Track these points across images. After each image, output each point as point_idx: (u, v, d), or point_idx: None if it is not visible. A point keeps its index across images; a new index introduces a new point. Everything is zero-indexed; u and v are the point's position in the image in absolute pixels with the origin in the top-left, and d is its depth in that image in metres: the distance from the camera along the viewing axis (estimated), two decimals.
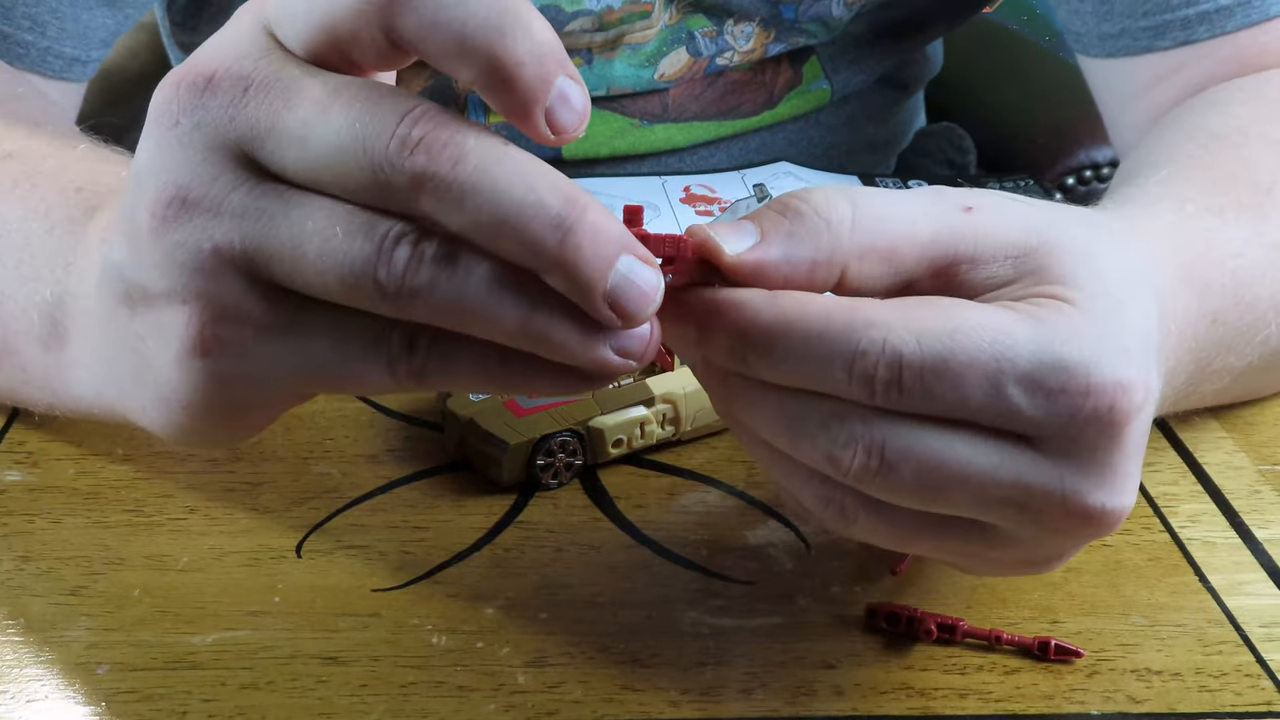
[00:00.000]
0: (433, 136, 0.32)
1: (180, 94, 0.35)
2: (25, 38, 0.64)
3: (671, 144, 0.82)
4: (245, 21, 0.35)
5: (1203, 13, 0.65)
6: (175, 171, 0.34)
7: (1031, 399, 0.35)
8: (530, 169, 0.32)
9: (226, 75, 0.34)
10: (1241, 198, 0.52)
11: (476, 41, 0.32)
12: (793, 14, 0.79)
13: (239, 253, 0.34)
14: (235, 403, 0.37)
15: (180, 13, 0.80)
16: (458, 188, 0.32)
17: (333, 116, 0.33)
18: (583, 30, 0.76)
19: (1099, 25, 0.68)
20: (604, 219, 0.33)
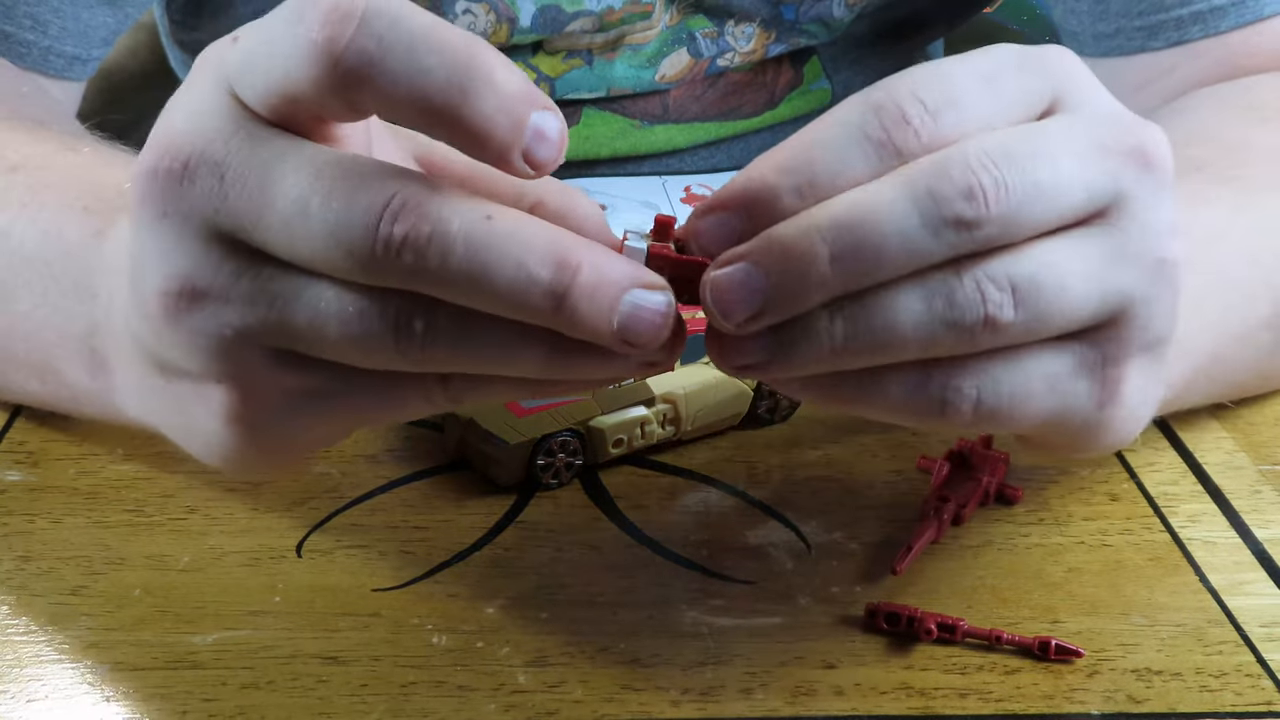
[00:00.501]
0: (415, 232, 0.32)
1: (160, 183, 0.34)
2: (27, 37, 0.64)
3: (672, 145, 0.83)
4: (208, 83, 0.34)
5: (1196, 13, 0.65)
6: (177, 263, 0.34)
7: (1026, 74, 0.36)
8: (517, 241, 0.32)
9: (201, 162, 0.33)
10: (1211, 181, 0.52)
11: (441, 107, 0.32)
12: (794, 15, 0.79)
13: (260, 334, 0.34)
14: (281, 450, 0.37)
15: (180, 11, 0.80)
16: (449, 278, 0.32)
17: (312, 217, 0.32)
18: (583, 31, 0.76)
19: (1094, 25, 0.69)
20: (598, 271, 0.32)
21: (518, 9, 0.74)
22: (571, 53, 0.78)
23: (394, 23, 0.32)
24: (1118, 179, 0.36)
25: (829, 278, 0.33)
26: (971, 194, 0.33)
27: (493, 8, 0.74)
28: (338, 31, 0.32)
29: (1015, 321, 0.35)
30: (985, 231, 0.34)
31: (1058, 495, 0.51)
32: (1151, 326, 0.37)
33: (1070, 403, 0.37)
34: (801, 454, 0.53)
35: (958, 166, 0.34)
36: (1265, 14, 0.65)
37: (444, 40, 0.32)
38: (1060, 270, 0.35)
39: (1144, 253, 0.36)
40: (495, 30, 0.75)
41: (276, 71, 0.33)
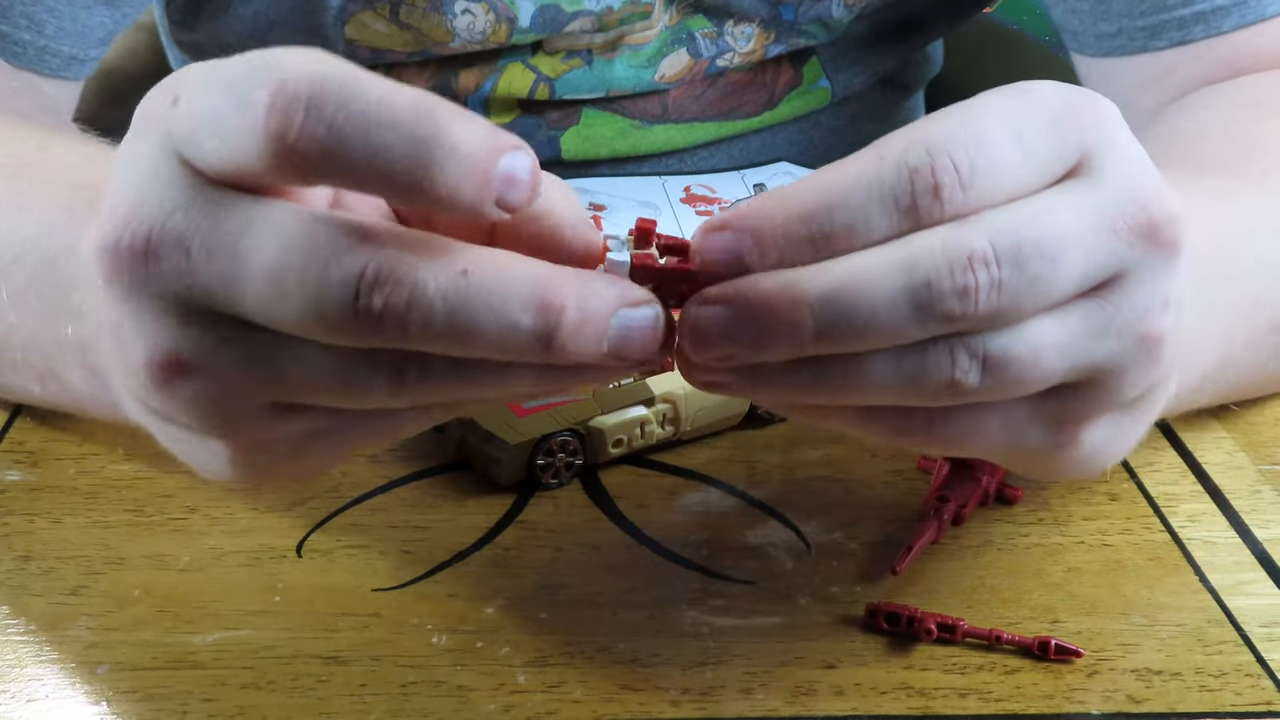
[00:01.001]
0: (394, 300, 0.31)
1: (124, 262, 0.32)
2: (23, 36, 0.64)
3: (672, 145, 0.83)
4: (154, 148, 0.33)
5: (1199, 13, 0.65)
6: (157, 337, 0.33)
7: (1047, 133, 0.35)
8: (497, 292, 0.32)
9: (164, 238, 0.32)
10: (1218, 179, 0.52)
11: (402, 183, 0.31)
12: (793, 15, 0.79)
13: (253, 394, 0.34)
14: (285, 476, 0.37)
15: (179, 12, 0.80)
16: (433, 338, 0.32)
17: (289, 293, 0.31)
18: (582, 31, 0.76)
19: (1096, 24, 0.69)
20: (582, 305, 0.32)
21: (517, 9, 0.74)
22: (571, 53, 0.78)
23: (342, 103, 0.30)
24: (1121, 259, 0.35)
25: (807, 344, 0.34)
26: (966, 294, 0.33)
27: (492, 7, 0.74)
28: (285, 121, 0.30)
29: (979, 387, 0.35)
30: (970, 324, 0.34)
31: (1057, 495, 0.51)
32: (1122, 393, 0.37)
33: (1023, 442, 0.37)
34: (801, 454, 0.53)
35: (959, 263, 0.33)
36: (1267, 14, 0.65)
37: (396, 113, 0.30)
38: (1038, 344, 0.35)
39: (1128, 329, 0.36)
40: (494, 30, 0.75)
41: (226, 150, 0.31)
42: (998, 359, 0.34)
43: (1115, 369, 0.36)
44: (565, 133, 0.81)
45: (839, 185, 0.34)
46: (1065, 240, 0.34)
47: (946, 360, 0.34)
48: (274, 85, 0.30)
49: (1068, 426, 0.37)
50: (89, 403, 0.45)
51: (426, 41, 0.76)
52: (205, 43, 0.82)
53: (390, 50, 0.77)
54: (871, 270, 0.33)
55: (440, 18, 0.74)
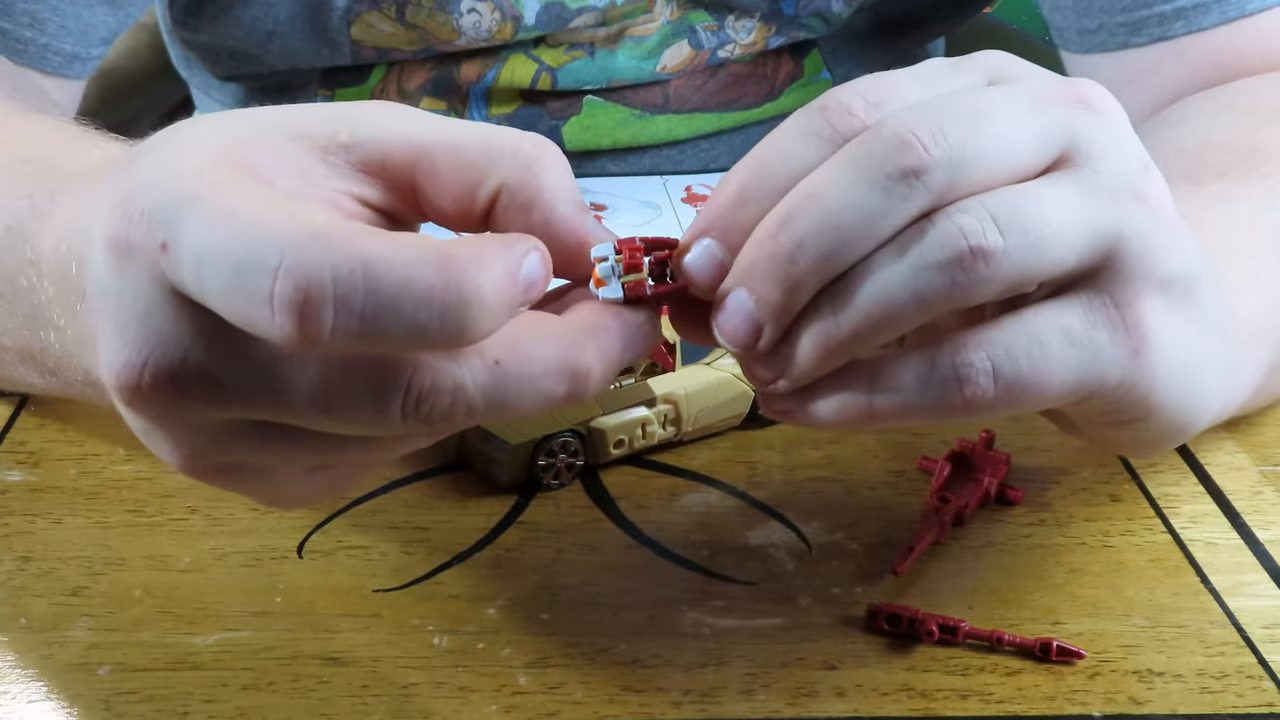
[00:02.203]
0: (438, 406, 0.32)
1: (149, 400, 0.32)
2: (24, 34, 0.64)
3: (673, 135, 0.83)
4: (145, 283, 0.32)
5: (1179, 9, 0.65)
6: (182, 445, 0.34)
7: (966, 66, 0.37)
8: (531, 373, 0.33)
9: (188, 375, 0.31)
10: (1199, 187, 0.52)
11: (440, 341, 0.31)
12: (793, 9, 0.79)
13: (271, 468, 0.35)
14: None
15: (181, 11, 0.80)
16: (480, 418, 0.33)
17: (336, 415, 0.32)
18: (586, 25, 0.76)
19: (1079, 20, 0.69)
20: (606, 362, 0.34)
21: (522, 7, 0.74)
22: (574, 45, 0.78)
23: (369, 290, 0.30)
24: (1066, 124, 0.36)
25: (802, 268, 0.34)
26: (907, 144, 0.34)
27: (497, 6, 0.74)
28: (316, 325, 0.29)
29: (1006, 247, 0.34)
30: (935, 176, 0.34)
31: (1059, 496, 0.51)
32: (1155, 261, 0.37)
33: (1096, 356, 0.37)
34: (802, 454, 0.53)
35: (889, 127, 0.35)
36: (1248, 10, 0.65)
37: (420, 285, 0.30)
38: (1038, 201, 0.35)
39: (1120, 187, 0.36)
40: (500, 28, 0.75)
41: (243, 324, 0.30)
42: (1006, 213, 0.35)
43: (1132, 232, 0.36)
44: (567, 122, 0.81)
45: (760, 149, 0.36)
46: (995, 105, 0.36)
47: (952, 228, 0.34)
48: (295, 285, 0.29)
49: (1128, 317, 0.37)
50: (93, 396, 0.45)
51: (432, 40, 0.76)
52: (208, 42, 0.81)
53: (395, 49, 0.77)
54: (815, 174, 0.35)
55: (446, 17, 0.74)
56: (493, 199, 0.35)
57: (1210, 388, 0.40)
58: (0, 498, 0.50)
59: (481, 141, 0.35)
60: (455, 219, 0.36)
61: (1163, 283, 0.37)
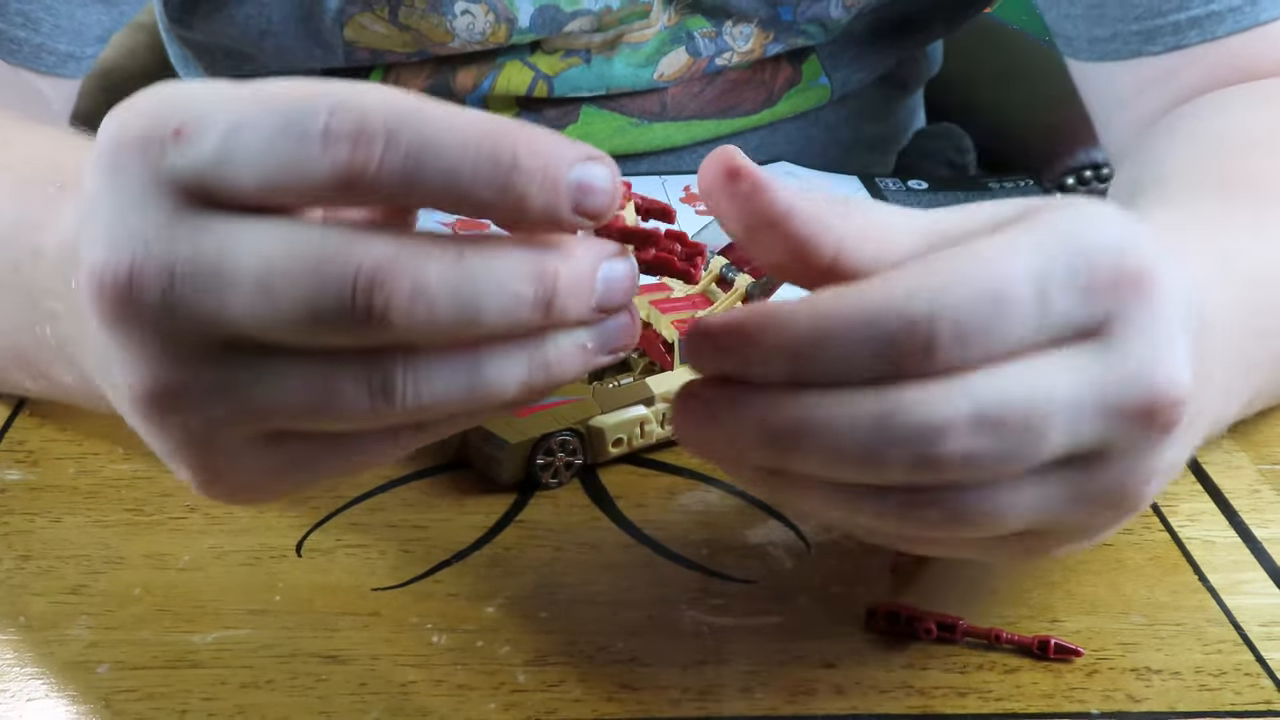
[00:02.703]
0: (397, 298, 0.31)
1: (108, 295, 0.32)
2: (18, 34, 0.64)
3: (670, 143, 0.83)
4: (136, 179, 0.32)
5: (1194, 18, 0.65)
6: (138, 368, 0.33)
7: (1073, 295, 0.33)
8: (496, 268, 0.32)
9: (145, 270, 0.31)
10: (1248, 202, 0.52)
11: (475, 202, 0.31)
12: (791, 15, 0.79)
13: (227, 421, 0.33)
14: (259, 499, 0.37)
15: (176, 10, 0.80)
16: (441, 328, 0.32)
17: (280, 301, 0.31)
18: (581, 30, 0.76)
19: (1090, 29, 0.68)
20: (573, 267, 0.33)
21: (516, 9, 0.74)
22: (570, 51, 0.78)
23: (418, 131, 0.31)
24: (1110, 438, 0.34)
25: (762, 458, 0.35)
26: (933, 463, 0.33)
27: (491, 8, 0.74)
28: (365, 155, 0.30)
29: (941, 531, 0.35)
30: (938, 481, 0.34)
31: None
32: (1093, 538, 0.38)
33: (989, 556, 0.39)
34: None
35: (933, 430, 0.33)
36: (1263, 19, 0.65)
37: (467, 136, 0.31)
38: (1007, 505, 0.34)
39: (1103, 497, 0.36)
40: (494, 31, 0.75)
41: (278, 182, 0.31)
42: (962, 515, 0.34)
43: (1082, 525, 0.37)
44: (563, 130, 0.81)
45: (830, 319, 0.33)
46: (1055, 415, 0.33)
47: (912, 509, 0.34)
48: (351, 119, 0.30)
49: (1034, 554, 0.38)
50: (80, 397, 0.45)
51: (426, 42, 0.76)
52: (204, 41, 0.82)
53: (389, 50, 0.77)
54: (838, 417, 0.33)
55: (440, 19, 0.74)
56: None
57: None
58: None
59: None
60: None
61: (1086, 542, 0.38)
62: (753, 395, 0.34)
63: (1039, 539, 0.37)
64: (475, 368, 0.33)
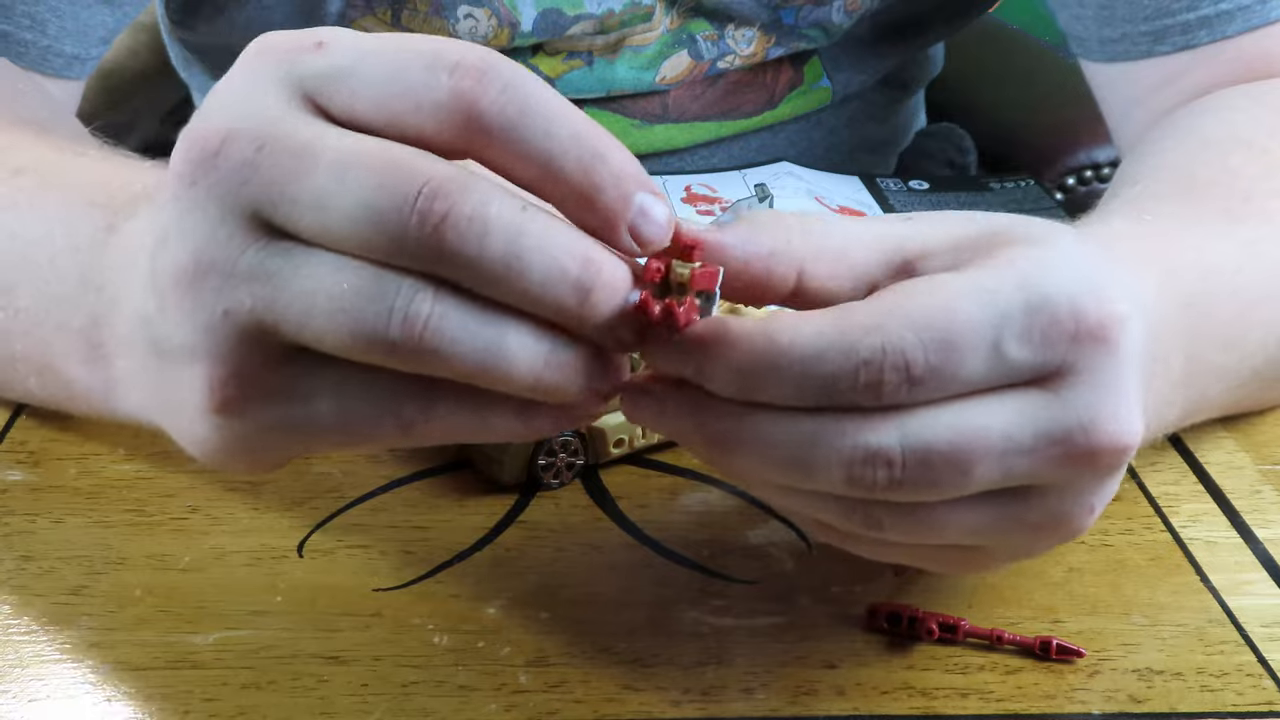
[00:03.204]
0: (456, 212, 0.32)
1: (193, 155, 0.34)
2: (25, 36, 0.64)
3: (672, 144, 0.83)
4: (267, 77, 0.34)
5: (1203, 17, 0.65)
6: (193, 236, 0.34)
7: (1028, 345, 0.35)
8: (551, 235, 0.33)
9: (239, 136, 0.33)
10: (1213, 204, 0.52)
11: (559, 173, 0.33)
12: (793, 19, 0.79)
13: (248, 316, 0.34)
14: (257, 451, 0.37)
15: (178, 11, 0.80)
16: (485, 264, 0.33)
17: (349, 185, 0.32)
18: (584, 34, 0.77)
19: (1100, 30, 0.68)
20: (614, 273, 0.34)
21: (519, 13, 0.74)
22: (572, 54, 0.78)
23: (531, 91, 0.33)
24: (1044, 477, 0.36)
25: (703, 453, 0.37)
26: (859, 483, 0.35)
27: (494, 12, 0.74)
28: (482, 89, 0.33)
29: (877, 533, 0.37)
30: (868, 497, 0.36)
31: None
32: (1029, 555, 0.40)
33: (944, 564, 0.40)
34: None
35: (861, 455, 0.34)
36: (1272, 18, 0.65)
37: (570, 116, 0.33)
38: (938, 522, 0.36)
39: (1040, 524, 0.37)
40: (496, 34, 0.75)
41: (394, 104, 0.33)
42: (898, 526, 0.36)
43: (1011, 546, 0.38)
44: None
45: (783, 350, 0.35)
46: (985, 457, 0.35)
47: (854, 510, 0.36)
48: (479, 60, 0.33)
49: (975, 568, 0.40)
50: (81, 395, 0.45)
51: None
52: (206, 42, 0.82)
53: None
54: (773, 434, 0.35)
55: (442, 22, 0.74)
56: None
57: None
58: (0, 497, 0.50)
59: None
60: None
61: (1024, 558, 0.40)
62: (699, 400, 0.36)
63: (980, 554, 0.39)
64: (498, 330, 0.33)
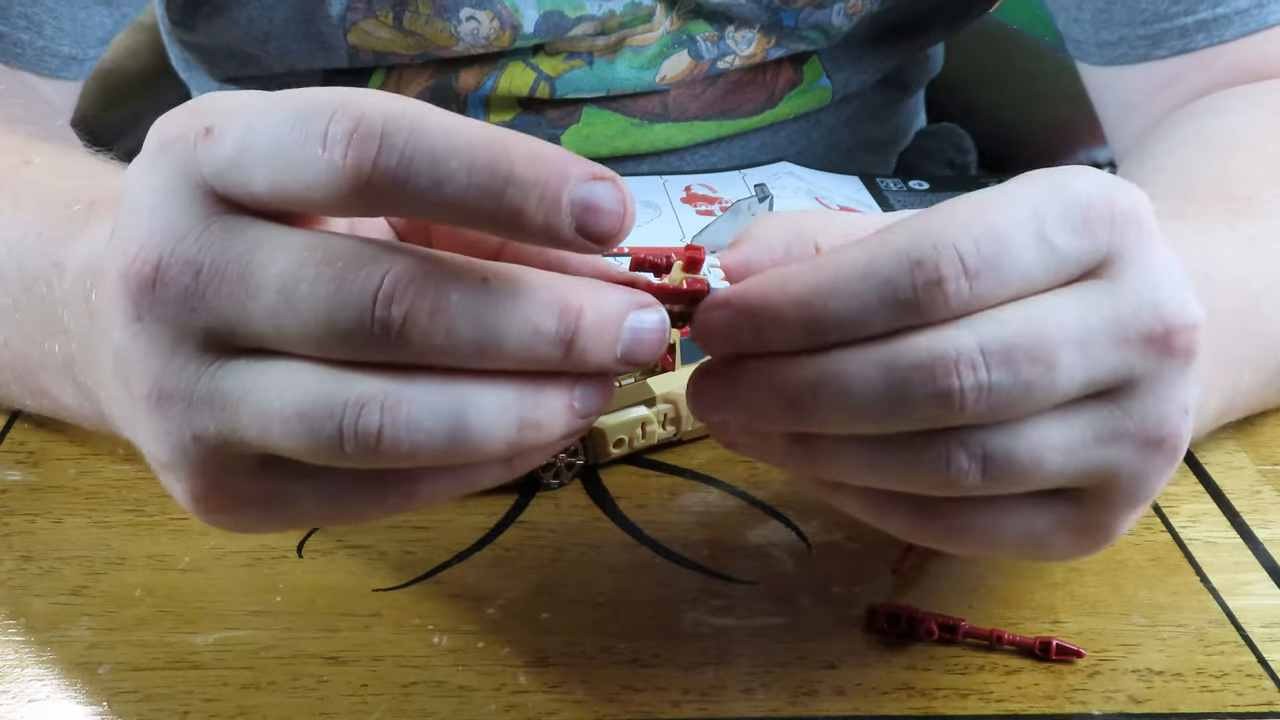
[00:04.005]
0: (416, 310, 0.31)
1: (133, 288, 0.32)
2: (21, 37, 0.64)
3: (672, 143, 0.83)
4: (172, 177, 0.32)
5: (1200, 21, 0.65)
6: (149, 365, 0.33)
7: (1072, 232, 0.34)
8: (521, 298, 0.32)
9: (172, 263, 0.32)
10: (1217, 207, 0.52)
11: (470, 210, 0.31)
12: (793, 21, 0.79)
13: (215, 438, 0.33)
14: (252, 531, 0.37)
15: (178, 12, 0.80)
16: (456, 350, 0.31)
17: (300, 306, 0.31)
18: (585, 35, 0.77)
19: (1097, 33, 0.68)
20: (598, 308, 0.32)
21: (521, 15, 0.74)
22: (573, 54, 0.78)
23: (413, 134, 0.30)
24: (1130, 367, 0.34)
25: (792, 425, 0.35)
26: (948, 398, 0.33)
27: (496, 14, 0.74)
28: (361, 154, 0.30)
29: (979, 485, 0.34)
30: (963, 421, 0.33)
31: None
32: (1142, 495, 0.36)
33: (1049, 550, 0.37)
34: None
35: (942, 365, 0.33)
36: (1270, 22, 0.65)
37: (466, 143, 0.30)
38: (1040, 445, 0.34)
39: (1141, 434, 0.35)
40: (498, 36, 0.75)
41: (283, 181, 0.31)
42: (997, 458, 0.34)
43: (1131, 473, 0.35)
44: (565, 131, 0.81)
45: (837, 272, 0.33)
46: (1065, 345, 0.33)
47: (943, 455, 0.34)
48: (350, 120, 0.30)
49: (1093, 531, 0.37)
50: (79, 418, 0.46)
51: (429, 46, 0.76)
52: (205, 43, 0.82)
53: (392, 53, 0.77)
54: (851, 370, 0.33)
55: (444, 24, 0.74)
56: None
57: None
58: (1, 497, 0.50)
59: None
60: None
61: (1144, 499, 0.37)
62: (768, 361, 0.34)
63: (1096, 501, 0.36)
64: (461, 406, 0.32)
